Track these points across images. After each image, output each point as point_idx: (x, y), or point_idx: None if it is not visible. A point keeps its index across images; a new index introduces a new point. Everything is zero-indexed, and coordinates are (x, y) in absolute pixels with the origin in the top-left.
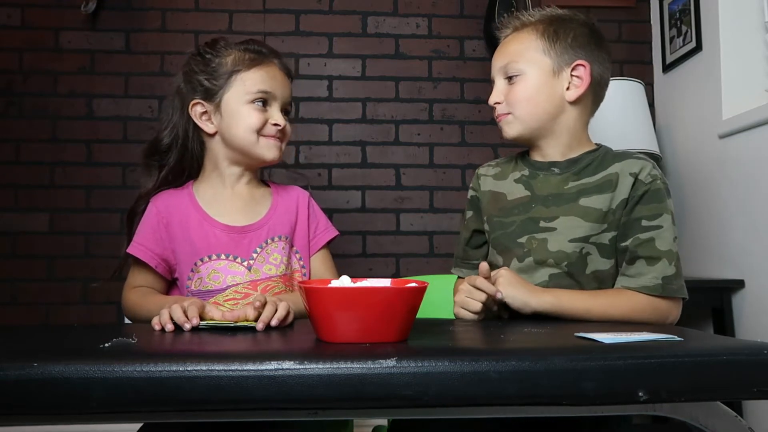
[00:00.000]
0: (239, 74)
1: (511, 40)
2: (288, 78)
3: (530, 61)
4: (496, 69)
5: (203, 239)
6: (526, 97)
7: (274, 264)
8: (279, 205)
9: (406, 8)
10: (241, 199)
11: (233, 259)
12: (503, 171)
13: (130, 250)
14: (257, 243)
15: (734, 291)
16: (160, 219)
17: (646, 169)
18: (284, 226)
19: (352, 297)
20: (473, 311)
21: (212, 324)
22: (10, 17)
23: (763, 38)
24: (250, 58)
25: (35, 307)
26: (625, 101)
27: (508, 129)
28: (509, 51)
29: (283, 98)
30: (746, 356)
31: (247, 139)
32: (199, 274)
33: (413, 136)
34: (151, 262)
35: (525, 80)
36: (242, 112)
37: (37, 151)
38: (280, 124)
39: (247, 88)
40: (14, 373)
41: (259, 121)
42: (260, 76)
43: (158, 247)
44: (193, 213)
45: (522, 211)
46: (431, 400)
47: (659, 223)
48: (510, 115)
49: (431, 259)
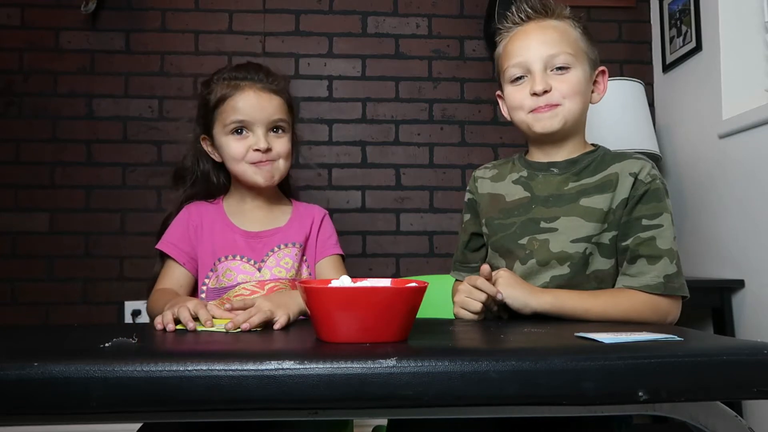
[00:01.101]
0: (219, 107)
1: (551, 29)
2: (274, 94)
3: (579, 58)
4: (537, 57)
5: (223, 242)
6: (577, 91)
7: (284, 267)
8: (296, 218)
9: (406, 8)
10: (261, 210)
11: (247, 260)
12: (500, 173)
13: (160, 246)
14: (270, 247)
15: (734, 291)
16: (190, 222)
17: (645, 169)
18: (299, 235)
19: (352, 297)
20: (473, 311)
21: (205, 328)
22: (10, 17)
23: (763, 38)
24: (227, 87)
25: (35, 307)
26: (625, 101)
27: (552, 121)
28: (556, 40)
29: (265, 120)
30: (746, 356)
31: (236, 168)
32: (216, 273)
33: (413, 136)
34: (179, 259)
35: (576, 74)
36: (225, 144)
37: (37, 151)
38: (260, 148)
39: (224, 120)
40: (14, 373)
41: (240, 151)
42: (232, 107)
43: (187, 245)
44: (219, 220)
45: (522, 212)
46: (431, 400)
47: (659, 222)
48: (559, 107)
49: (431, 259)
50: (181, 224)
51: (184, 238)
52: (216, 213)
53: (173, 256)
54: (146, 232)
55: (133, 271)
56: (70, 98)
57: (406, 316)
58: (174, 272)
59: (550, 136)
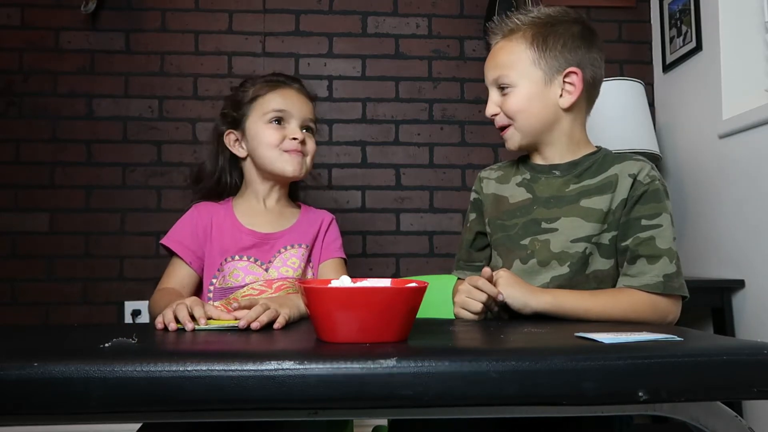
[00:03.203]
0: (257, 99)
1: (500, 49)
2: (308, 99)
3: (520, 74)
4: (488, 80)
5: (231, 242)
6: (520, 108)
7: (291, 267)
8: (304, 221)
9: (406, 8)
10: (271, 213)
11: (254, 261)
12: (505, 175)
13: (166, 242)
14: (277, 248)
15: (734, 291)
16: (198, 221)
17: (644, 170)
18: (306, 237)
19: (352, 297)
20: (474, 311)
21: (212, 327)
22: (10, 17)
23: (763, 38)
24: (267, 85)
25: (35, 307)
26: (625, 101)
27: (510, 143)
28: (499, 62)
29: (300, 116)
30: (746, 356)
31: (269, 155)
32: (222, 273)
33: (413, 136)
34: (185, 257)
35: (517, 92)
36: (261, 132)
37: (37, 151)
38: (297, 137)
39: (264, 109)
40: (14, 373)
41: (276, 138)
42: (274, 98)
43: (193, 244)
44: (228, 221)
45: (524, 213)
46: (431, 400)
47: (659, 222)
48: (510, 128)
49: (431, 259)
50: (188, 223)
51: (191, 237)
52: (225, 213)
53: (179, 254)
54: (146, 232)
55: (133, 271)
56: (70, 98)
57: (406, 316)
58: (178, 271)
59: (524, 149)
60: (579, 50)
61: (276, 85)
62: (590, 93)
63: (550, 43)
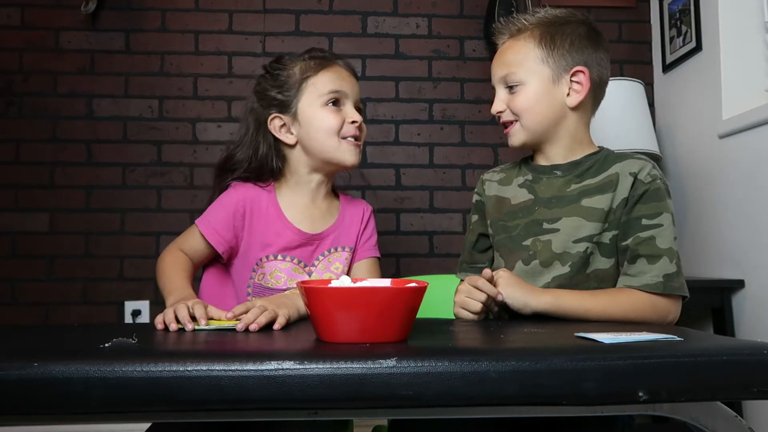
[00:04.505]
0: (309, 80)
1: (508, 48)
2: (355, 77)
3: (529, 71)
4: (496, 78)
5: (275, 237)
6: (527, 106)
7: (335, 273)
8: (346, 217)
9: (406, 8)
10: (317, 208)
11: (297, 263)
12: (508, 176)
13: (201, 228)
14: (321, 251)
15: (734, 291)
16: (238, 208)
17: (645, 169)
18: (349, 238)
19: (352, 297)
20: (473, 311)
21: (212, 327)
22: (10, 17)
23: (763, 38)
24: (316, 63)
25: (35, 307)
26: (625, 101)
27: (513, 139)
28: (507, 61)
29: (354, 96)
30: (746, 356)
31: (328, 144)
32: (262, 270)
33: (413, 136)
34: (218, 248)
35: (525, 90)
36: (318, 116)
37: (37, 151)
38: (357, 120)
39: (319, 91)
40: (14, 373)
41: (337, 122)
42: (329, 78)
43: (229, 233)
44: (273, 212)
45: (525, 214)
46: (431, 400)
47: (659, 221)
48: (516, 124)
49: (431, 259)
50: (227, 207)
51: (228, 225)
52: (269, 202)
53: (213, 244)
54: (146, 232)
55: (133, 271)
56: (70, 98)
57: (406, 316)
58: (199, 245)
59: (527, 147)
60: (586, 50)
61: (325, 62)
62: (596, 93)
63: (557, 42)
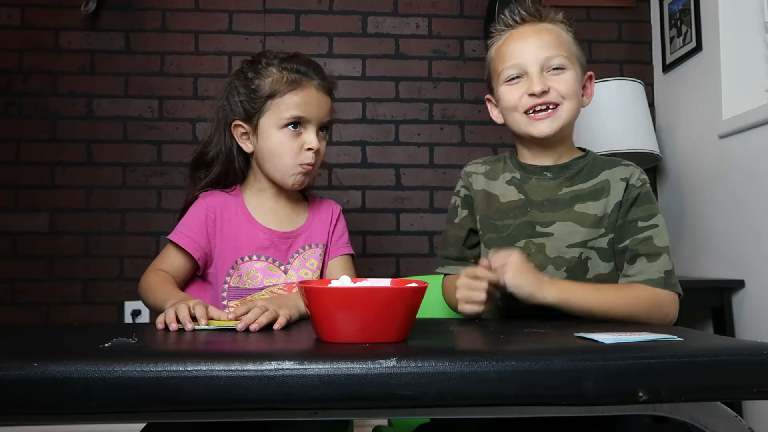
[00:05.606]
0: (275, 99)
1: (546, 32)
2: (328, 96)
3: (571, 59)
4: (533, 59)
5: (247, 239)
6: (574, 91)
7: (310, 269)
8: (316, 215)
9: (406, 8)
10: (282, 208)
11: (272, 262)
12: (493, 170)
13: (174, 238)
14: (296, 248)
15: (734, 291)
16: (208, 214)
17: (635, 174)
18: (322, 235)
19: (352, 297)
20: (478, 301)
21: (212, 327)
22: (10, 17)
23: (763, 38)
24: (287, 81)
25: (35, 307)
26: (625, 101)
27: (554, 124)
28: (550, 43)
29: (319, 119)
30: (746, 356)
31: (278, 164)
32: (238, 272)
33: (413, 136)
34: (195, 254)
35: (570, 75)
36: (274, 139)
37: (37, 151)
38: (313, 147)
39: (281, 113)
40: (14, 373)
41: (293, 148)
42: (294, 102)
43: (203, 240)
44: (241, 214)
45: (518, 214)
46: (431, 400)
47: (654, 222)
48: (559, 108)
49: (431, 259)
50: (198, 215)
51: (200, 232)
52: (236, 206)
53: (188, 250)
54: (146, 232)
55: (133, 271)
56: (70, 98)
57: (406, 316)
58: (177, 260)
59: (545, 140)
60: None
61: (297, 82)
62: None
63: (579, 42)
